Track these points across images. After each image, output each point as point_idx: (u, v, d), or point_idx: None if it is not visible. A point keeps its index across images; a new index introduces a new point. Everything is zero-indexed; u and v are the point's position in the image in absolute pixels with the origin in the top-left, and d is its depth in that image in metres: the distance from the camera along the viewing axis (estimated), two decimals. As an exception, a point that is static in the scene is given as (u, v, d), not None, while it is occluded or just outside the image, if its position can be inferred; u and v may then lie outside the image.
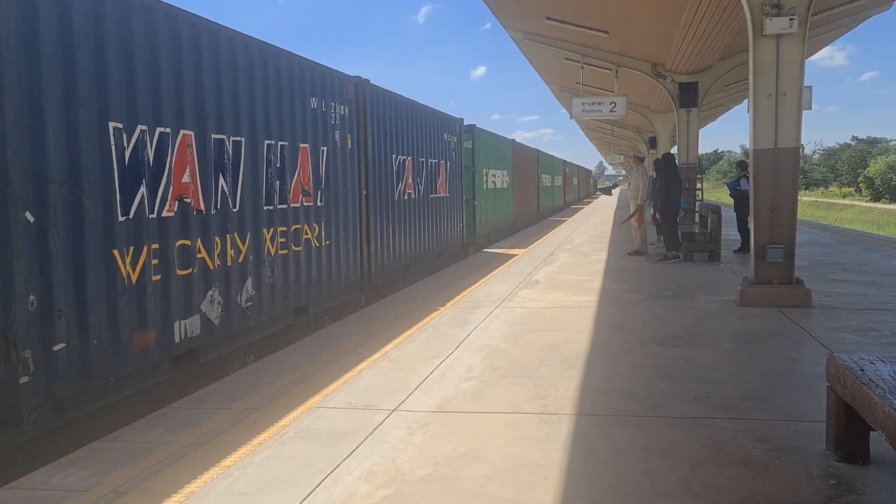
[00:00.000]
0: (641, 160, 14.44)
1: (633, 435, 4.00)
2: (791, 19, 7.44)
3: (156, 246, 5.49)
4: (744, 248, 13.27)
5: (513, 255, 14.50)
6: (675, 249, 12.50)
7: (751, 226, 8.22)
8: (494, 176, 20.12)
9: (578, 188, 55.93)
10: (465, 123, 16.11)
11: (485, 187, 18.68)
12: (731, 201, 14.81)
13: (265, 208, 7.18)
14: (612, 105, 17.23)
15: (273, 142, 7.33)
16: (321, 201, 8.46)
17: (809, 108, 15.75)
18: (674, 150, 23.50)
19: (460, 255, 15.55)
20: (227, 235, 6.52)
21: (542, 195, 30.82)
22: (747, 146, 9.10)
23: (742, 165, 13.81)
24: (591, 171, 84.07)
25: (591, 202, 51.64)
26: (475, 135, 17.46)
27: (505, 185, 21.66)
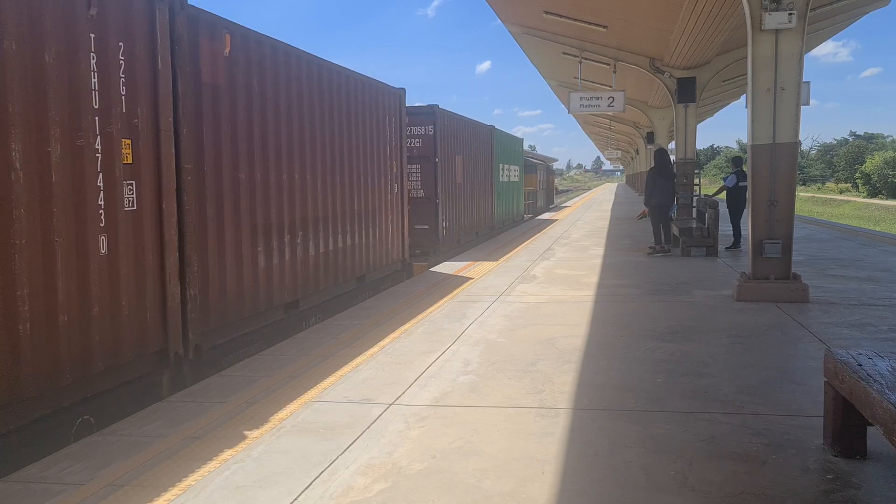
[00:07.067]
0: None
1: (630, 429, 4.01)
2: (790, 14, 7.42)
3: None
4: (735, 244, 13.27)
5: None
6: (664, 244, 12.49)
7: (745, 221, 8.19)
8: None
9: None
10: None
11: None
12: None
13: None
14: (611, 100, 17.24)
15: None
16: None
17: (807, 103, 15.73)
18: (671, 146, 23.50)
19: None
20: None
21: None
22: (743, 141, 9.09)
23: (736, 161, 13.70)
24: (543, 160, 41.50)
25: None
26: None
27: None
